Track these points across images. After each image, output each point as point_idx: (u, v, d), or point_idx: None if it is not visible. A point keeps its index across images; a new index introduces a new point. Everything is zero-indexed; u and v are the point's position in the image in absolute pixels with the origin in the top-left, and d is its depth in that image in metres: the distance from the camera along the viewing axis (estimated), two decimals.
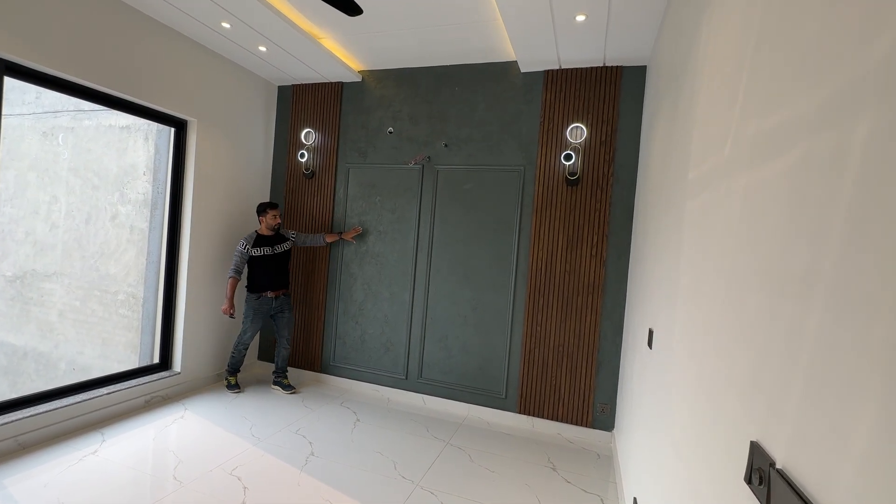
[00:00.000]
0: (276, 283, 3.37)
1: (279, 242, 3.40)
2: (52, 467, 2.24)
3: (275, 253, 3.36)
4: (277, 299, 3.40)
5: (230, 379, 3.45)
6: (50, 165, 4.12)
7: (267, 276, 3.35)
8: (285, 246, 3.42)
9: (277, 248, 3.38)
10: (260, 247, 3.33)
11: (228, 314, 3.26)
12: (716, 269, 1.00)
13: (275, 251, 3.36)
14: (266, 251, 3.33)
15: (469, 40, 2.99)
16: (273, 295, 3.37)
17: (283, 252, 3.40)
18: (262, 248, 3.33)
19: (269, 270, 3.35)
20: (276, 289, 3.38)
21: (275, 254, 3.36)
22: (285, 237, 3.44)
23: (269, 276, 3.35)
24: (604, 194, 3.02)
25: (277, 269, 3.38)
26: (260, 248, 3.33)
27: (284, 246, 3.41)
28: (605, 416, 3.02)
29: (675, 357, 1.34)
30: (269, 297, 3.37)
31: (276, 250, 3.37)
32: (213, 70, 3.36)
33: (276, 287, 3.37)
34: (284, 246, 3.41)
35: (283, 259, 3.41)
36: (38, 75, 2.43)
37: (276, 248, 3.37)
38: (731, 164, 0.95)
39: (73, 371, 3.98)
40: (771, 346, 0.67)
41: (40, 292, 4.09)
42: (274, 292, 3.37)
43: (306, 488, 2.23)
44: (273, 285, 3.36)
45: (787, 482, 0.56)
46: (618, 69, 3.00)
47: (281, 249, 3.39)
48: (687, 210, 1.35)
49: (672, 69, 1.90)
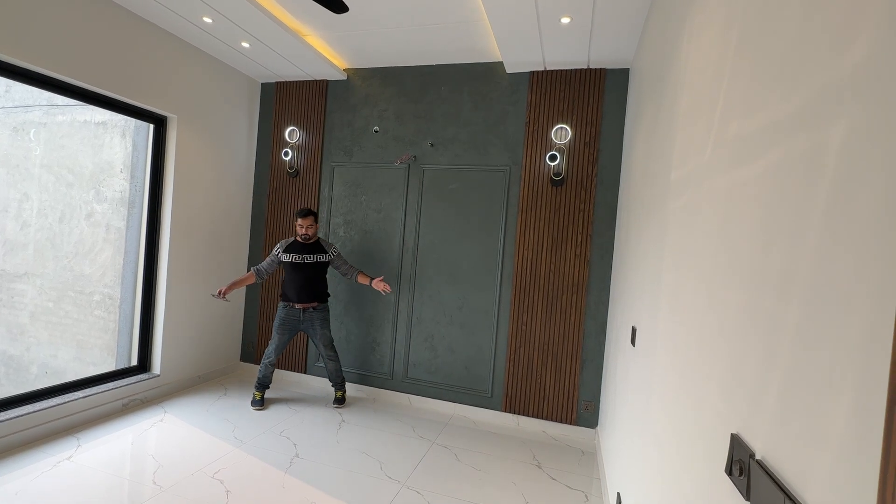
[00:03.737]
0: (303, 294, 3.13)
1: (313, 252, 3.15)
2: (24, 474, 2.16)
3: (304, 262, 3.12)
4: (306, 312, 3.15)
5: (256, 394, 3.21)
6: (21, 162, 3.97)
7: (293, 285, 3.14)
8: (319, 257, 3.16)
9: (308, 258, 3.13)
10: (290, 253, 3.13)
11: (218, 295, 3.00)
12: (697, 268, 1.02)
13: (304, 260, 3.12)
14: (294, 258, 3.12)
15: (455, 40, 3.00)
16: (301, 307, 3.15)
17: (313, 263, 3.14)
18: (291, 254, 3.13)
19: (297, 280, 3.12)
20: (302, 301, 3.13)
21: (304, 263, 3.12)
22: (324, 249, 3.19)
23: (296, 287, 3.13)
24: (588, 195, 3.07)
25: (306, 281, 3.13)
26: (290, 254, 3.13)
27: (318, 257, 3.15)
28: (590, 413, 3.07)
29: (657, 354, 1.37)
30: (297, 309, 3.15)
31: (305, 259, 3.12)
32: (194, 66, 3.29)
33: (302, 299, 3.13)
34: (318, 257, 3.15)
35: (313, 270, 3.15)
36: (7, 67, 2.34)
37: (305, 258, 3.12)
38: (712, 166, 0.97)
39: (46, 375, 3.84)
40: (750, 342, 0.70)
41: (10, 293, 3.94)
42: (301, 304, 3.14)
43: (291, 490, 2.20)
44: (299, 297, 3.13)
45: (767, 472, 0.58)
46: (601, 71, 3.04)
47: (312, 260, 3.13)
48: (669, 210, 1.38)
49: (654, 72, 1.94)
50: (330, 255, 3.22)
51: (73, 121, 3.91)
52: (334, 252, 3.23)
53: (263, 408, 3.20)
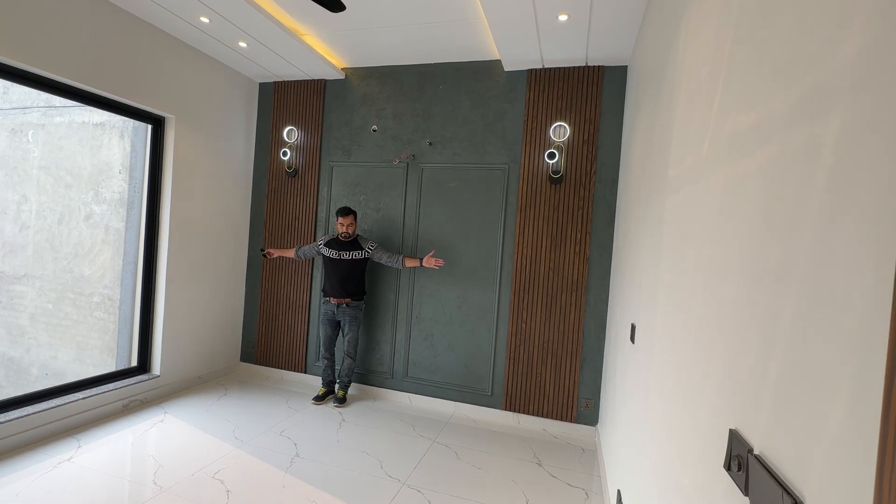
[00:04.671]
0: (338, 290, 3.22)
1: (350, 249, 3.22)
2: (25, 475, 2.16)
3: (340, 258, 3.21)
4: (340, 307, 3.25)
5: (321, 390, 3.39)
6: (19, 163, 3.97)
7: (329, 280, 3.26)
8: (355, 254, 3.22)
9: (344, 255, 3.21)
10: (330, 248, 3.24)
11: (266, 253, 3.39)
12: (695, 264, 1.02)
13: (340, 257, 3.21)
14: (332, 254, 3.22)
15: (453, 38, 2.99)
16: (335, 302, 3.25)
17: (350, 260, 3.22)
18: (331, 249, 3.24)
19: (333, 275, 3.23)
20: (338, 296, 3.23)
21: (340, 259, 3.21)
22: (361, 247, 3.24)
23: (332, 281, 3.24)
24: (587, 192, 3.07)
25: (342, 277, 3.22)
26: (329, 249, 3.24)
27: (354, 254, 3.21)
28: (590, 411, 3.07)
29: (656, 350, 1.37)
30: (332, 304, 3.27)
31: (342, 256, 3.21)
32: (191, 66, 3.29)
33: (338, 294, 3.23)
34: (354, 254, 3.21)
35: (349, 267, 3.22)
36: (5, 69, 2.34)
37: (342, 254, 3.21)
38: (710, 162, 0.97)
39: (46, 376, 3.84)
40: (747, 337, 0.70)
41: (10, 295, 3.94)
42: (336, 299, 3.24)
43: (291, 490, 2.20)
44: (335, 292, 3.23)
45: (765, 467, 0.58)
46: (599, 69, 3.04)
47: (348, 257, 3.21)
48: (667, 207, 1.38)
49: (652, 69, 1.93)
50: (367, 251, 3.25)
51: (72, 122, 3.90)
52: (371, 247, 3.26)
53: (321, 402, 3.33)
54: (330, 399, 3.40)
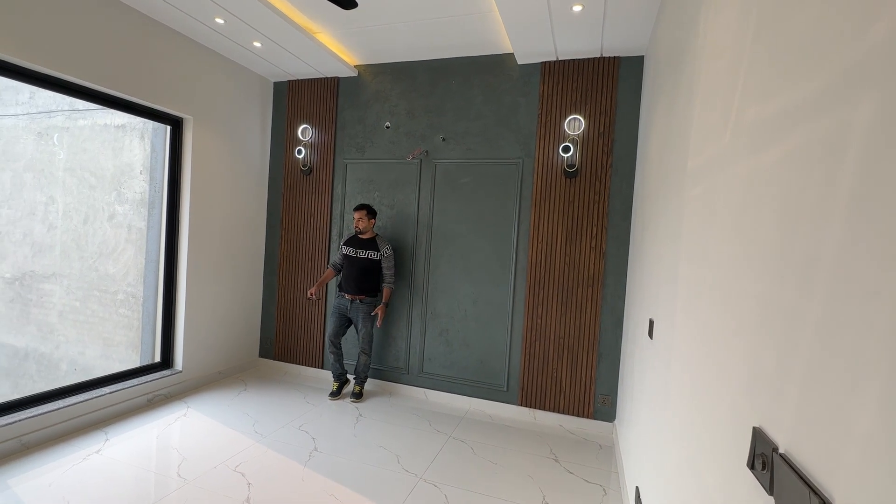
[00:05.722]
0: (353, 286, 3.27)
1: (366, 249, 3.27)
2: (57, 467, 2.24)
3: (357, 256, 3.27)
4: (353, 303, 3.30)
5: (334, 385, 3.41)
6: (46, 166, 4.10)
7: (345, 276, 3.32)
8: (370, 254, 3.26)
9: (361, 254, 3.26)
10: (348, 246, 3.31)
11: (311, 297, 3.35)
12: (716, 258, 1.00)
13: (357, 255, 3.27)
14: (349, 251, 3.29)
15: (465, 33, 2.97)
16: (349, 298, 3.30)
17: (366, 259, 3.26)
18: (348, 247, 3.31)
19: (349, 272, 3.29)
20: (351, 292, 3.29)
21: (357, 257, 3.27)
22: (378, 248, 3.27)
23: (347, 278, 3.30)
24: (602, 186, 3.02)
25: (357, 274, 3.26)
26: (347, 247, 3.31)
27: (370, 254, 3.26)
28: (607, 407, 3.04)
29: (675, 346, 1.34)
30: (346, 299, 3.32)
31: (358, 254, 3.27)
32: (207, 67, 3.34)
33: (352, 291, 3.28)
34: (370, 254, 3.26)
35: (362, 266, 3.26)
36: (31, 74, 2.41)
37: (359, 253, 3.27)
38: (731, 152, 0.95)
39: (75, 371, 3.98)
40: (772, 333, 0.68)
41: (40, 293, 4.08)
42: (349, 295, 3.30)
43: (310, 483, 2.24)
44: (349, 288, 3.29)
45: (791, 466, 0.57)
46: (615, 60, 2.98)
47: (364, 256, 3.26)
48: (686, 199, 1.35)
49: (670, 58, 1.89)
50: (382, 253, 3.29)
51: (94, 124, 4.01)
52: (386, 252, 3.30)
53: (337, 398, 3.36)
54: (346, 393, 3.44)
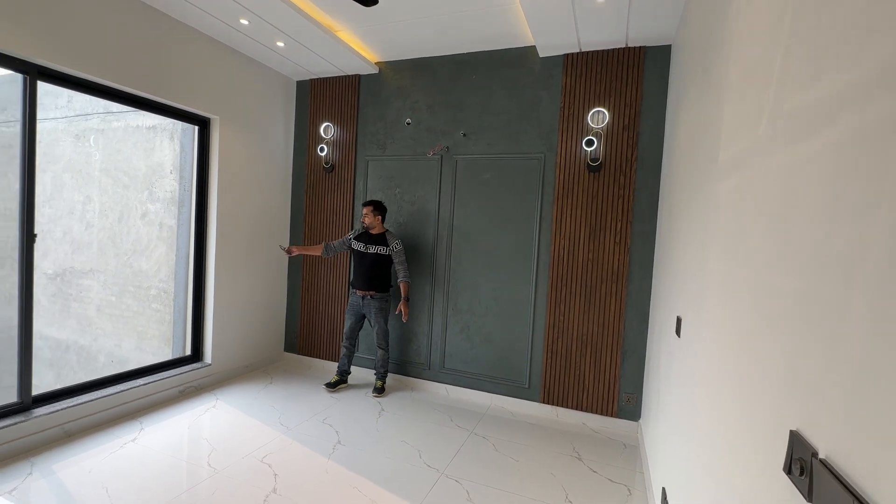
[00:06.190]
0: (362, 282, 3.30)
1: (376, 244, 3.28)
2: (96, 454, 2.35)
3: (367, 252, 3.29)
4: (364, 299, 3.33)
5: (334, 377, 3.47)
6: (83, 167, 4.28)
7: (356, 272, 3.35)
8: (380, 250, 3.27)
9: (370, 249, 3.28)
10: (358, 241, 3.33)
11: (286, 250, 3.32)
12: (750, 253, 0.96)
13: (367, 250, 3.29)
14: (360, 247, 3.31)
15: (486, 26, 2.94)
16: (360, 294, 3.33)
17: (375, 254, 3.27)
18: (359, 242, 3.32)
19: (359, 268, 3.32)
20: (361, 288, 3.31)
21: (367, 252, 3.29)
22: (387, 243, 3.29)
23: (357, 273, 3.34)
24: (627, 180, 2.95)
25: (367, 270, 3.29)
26: (358, 242, 3.33)
27: (380, 249, 3.27)
28: (631, 406, 2.98)
29: (705, 345, 1.30)
30: (358, 295, 3.35)
31: (368, 249, 3.28)
32: (232, 67, 3.41)
33: (361, 286, 3.31)
34: (380, 249, 3.27)
35: (373, 261, 3.28)
36: (69, 78, 2.52)
37: (368, 248, 3.28)
38: (767, 143, 0.90)
39: (112, 363, 4.17)
40: (812, 332, 0.64)
41: (79, 288, 4.28)
42: (361, 291, 3.33)
43: (334, 475, 2.28)
44: (360, 284, 3.32)
45: (832, 473, 0.54)
46: (641, 50, 2.90)
47: (373, 251, 3.28)
48: (717, 192, 1.30)
49: (700, 46, 1.82)
50: (392, 248, 3.30)
51: (127, 126, 4.16)
52: (396, 247, 3.31)
53: (334, 391, 3.42)
54: (341, 388, 3.48)
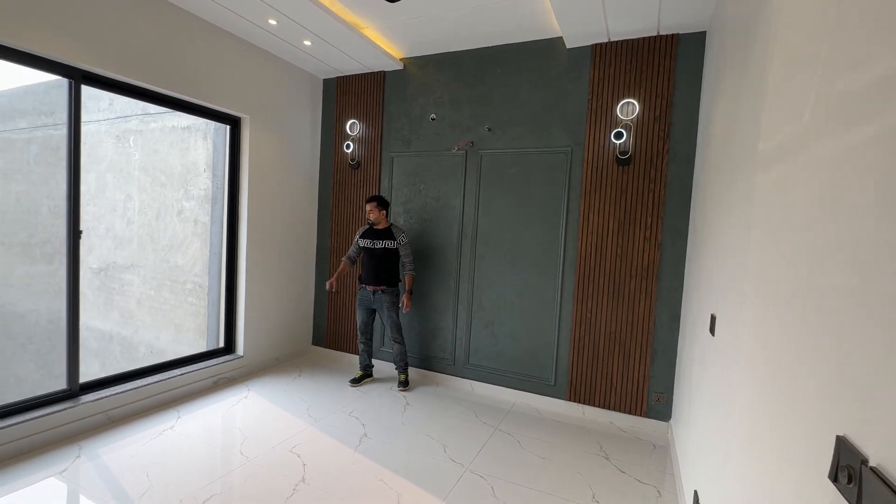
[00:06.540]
0: (371, 277, 3.34)
1: (382, 238, 3.32)
2: (137, 440, 2.48)
3: (374, 247, 3.33)
4: (375, 294, 3.36)
5: (358, 373, 3.53)
6: (124, 166, 4.49)
7: (365, 268, 3.39)
8: (387, 244, 3.31)
9: (378, 244, 3.32)
10: (364, 238, 3.37)
11: (330, 288, 3.40)
12: (792, 248, 0.91)
13: (374, 245, 3.33)
14: (367, 243, 3.35)
15: (511, 18, 2.89)
16: (371, 289, 3.37)
17: (383, 249, 3.32)
18: (365, 239, 3.37)
19: (368, 263, 3.36)
20: (371, 283, 3.35)
21: (374, 248, 3.33)
22: (393, 236, 3.33)
23: (367, 269, 3.38)
24: (658, 173, 2.85)
25: (375, 265, 3.33)
26: (364, 239, 3.37)
27: (386, 244, 3.31)
28: (662, 405, 2.90)
29: (742, 344, 1.24)
30: (368, 291, 3.39)
31: (375, 245, 3.33)
32: (261, 67, 3.49)
33: (371, 282, 3.35)
34: (386, 244, 3.31)
35: (382, 256, 3.33)
36: (110, 82, 2.63)
37: (376, 243, 3.33)
38: (812, 131, 0.85)
39: (151, 354, 4.37)
40: (863, 331, 0.60)
41: (121, 282, 4.50)
42: (371, 286, 3.36)
43: (360, 467, 2.32)
44: (369, 279, 3.35)
45: (885, 482, 0.50)
46: (673, 37, 2.79)
47: (381, 246, 3.32)
48: (756, 185, 1.23)
49: (738, 30, 1.73)
50: (398, 241, 3.33)
51: (164, 127, 4.33)
52: (402, 240, 3.34)
53: (359, 385, 3.48)
54: (366, 382, 3.53)
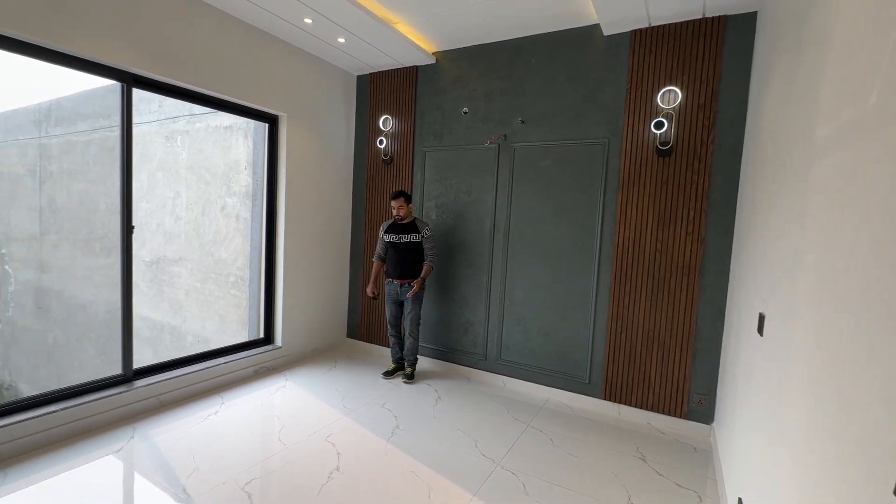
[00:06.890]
0: (398, 271, 3.40)
1: (408, 232, 3.39)
2: (185, 423, 2.62)
3: (399, 241, 3.39)
4: (402, 287, 3.42)
5: (391, 366, 3.60)
6: (172, 165, 4.74)
7: (391, 262, 3.45)
8: (412, 237, 3.37)
9: (403, 238, 3.38)
10: (389, 233, 3.44)
11: (371, 295, 3.51)
12: (855, 243, 0.83)
13: (399, 240, 3.39)
14: (392, 238, 3.41)
15: (546, 6, 2.82)
16: (398, 283, 3.42)
17: (407, 242, 3.38)
18: (390, 234, 3.43)
19: (394, 258, 3.42)
20: (397, 277, 3.41)
21: (399, 242, 3.39)
22: (417, 230, 3.39)
23: (393, 263, 3.43)
24: (702, 164, 2.71)
25: (401, 259, 3.39)
26: (389, 234, 3.43)
27: (411, 237, 3.37)
28: (703, 407, 2.77)
29: (794, 346, 1.16)
30: (395, 284, 3.44)
31: (400, 239, 3.39)
32: (297, 65, 3.57)
33: (398, 276, 3.41)
34: (411, 237, 3.37)
35: (407, 249, 3.39)
36: (159, 84, 2.77)
37: (401, 238, 3.39)
38: (880, 115, 0.77)
39: (198, 343, 4.61)
40: None
41: (170, 275, 4.77)
42: (397, 280, 3.42)
43: (392, 458, 2.35)
44: (395, 273, 3.42)
45: None
46: (720, 20, 2.63)
47: (406, 240, 3.38)
48: (813, 174, 1.15)
49: (793, 7, 1.61)
50: (423, 234, 3.37)
51: (208, 126, 4.53)
52: (426, 233, 3.37)
53: (391, 378, 3.54)
54: (399, 375, 3.56)
